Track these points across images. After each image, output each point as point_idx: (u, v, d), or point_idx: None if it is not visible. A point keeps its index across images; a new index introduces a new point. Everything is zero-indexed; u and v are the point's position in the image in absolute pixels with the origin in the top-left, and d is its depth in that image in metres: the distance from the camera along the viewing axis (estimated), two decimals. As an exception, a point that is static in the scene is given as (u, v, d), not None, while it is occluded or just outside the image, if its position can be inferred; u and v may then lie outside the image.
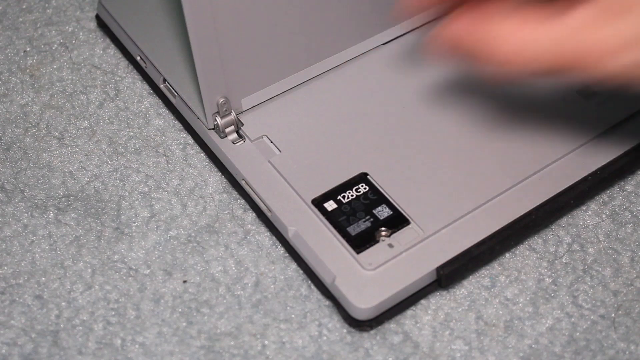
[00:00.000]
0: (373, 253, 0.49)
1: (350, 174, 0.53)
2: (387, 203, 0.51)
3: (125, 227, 0.53)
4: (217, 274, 0.51)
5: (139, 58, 0.60)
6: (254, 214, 0.54)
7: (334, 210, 0.51)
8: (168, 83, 0.57)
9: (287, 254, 0.52)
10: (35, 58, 0.62)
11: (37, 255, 0.52)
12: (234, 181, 0.54)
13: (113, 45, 0.63)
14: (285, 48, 0.54)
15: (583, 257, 0.52)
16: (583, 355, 0.48)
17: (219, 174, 0.56)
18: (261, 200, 0.52)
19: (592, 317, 0.49)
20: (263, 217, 0.53)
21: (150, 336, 0.49)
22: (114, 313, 0.50)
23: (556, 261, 0.52)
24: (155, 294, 0.51)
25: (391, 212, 0.51)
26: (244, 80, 0.54)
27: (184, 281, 0.51)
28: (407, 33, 0.60)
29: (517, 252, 0.52)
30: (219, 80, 0.52)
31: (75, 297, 0.50)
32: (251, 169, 0.53)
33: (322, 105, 0.56)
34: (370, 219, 0.50)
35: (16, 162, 0.57)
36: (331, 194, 0.52)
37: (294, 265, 0.52)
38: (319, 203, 0.51)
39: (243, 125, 0.55)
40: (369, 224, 0.50)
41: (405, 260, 0.49)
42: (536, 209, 0.51)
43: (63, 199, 0.55)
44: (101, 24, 0.63)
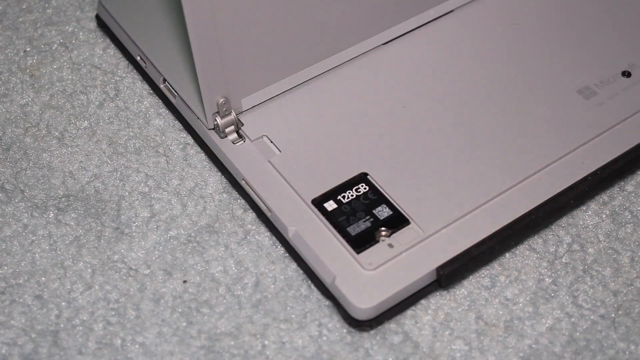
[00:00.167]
0: (373, 253, 0.49)
1: (350, 174, 0.52)
2: (387, 203, 0.51)
3: (125, 227, 0.53)
4: (217, 274, 0.51)
5: (139, 58, 0.60)
6: (254, 214, 0.54)
7: (334, 210, 0.51)
8: (168, 83, 0.57)
9: (287, 254, 0.52)
10: (35, 58, 0.62)
11: (37, 255, 0.52)
12: (234, 181, 0.54)
13: (113, 45, 0.63)
14: (285, 48, 0.54)
15: (583, 257, 0.52)
16: (583, 355, 0.48)
17: (219, 174, 0.56)
18: (261, 200, 0.52)
19: (592, 317, 0.49)
20: (263, 217, 0.53)
21: (150, 336, 0.49)
22: (114, 313, 0.50)
23: (556, 261, 0.52)
24: (155, 294, 0.51)
25: (391, 212, 0.51)
26: (244, 80, 0.54)
27: (184, 281, 0.51)
28: (407, 33, 0.60)
29: (517, 252, 0.52)
30: (219, 80, 0.52)
31: (75, 297, 0.50)
32: (251, 169, 0.53)
33: (322, 105, 0.56)
34: (370, 219, 0.50)
35: (16, 162, 0.57)
36: (331, 194, 0.52)
37: (294, 265, 0.51)
38: (319, 203, 0.51)
39: (243, 125, 0.55)
40: (369, 224, 0.50)
41: (405, 260, 0.49)
42: (536, 209, 0.51)
43: (63, 199, 0.55)
44: (101, 24, 0.63)
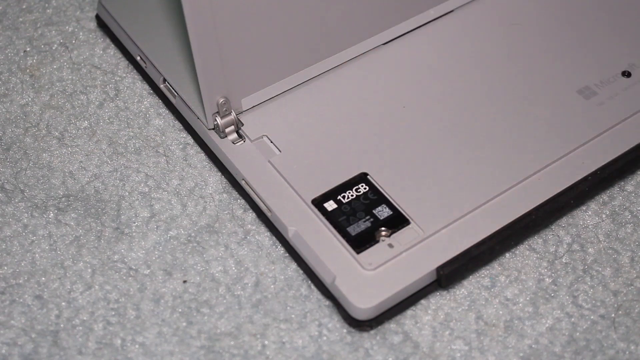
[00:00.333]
0: (373, 253, 0.49)
1: (350, 174, 0.52)
2: (387, 203, 0.51)
3: (125, 227, 0.53)
4: (217, 274, 0.51)
5: (139, 58, 0.60)
6: (254, 214, 0.54)
7: (334, 210, 0.51)
8: (168, 83, 0.57)
9: (287, 254, 0.52)
10: (35, 58, 0.62)
11: (37, 255, 0.52)
12: (234, 181, 0.54)
13: (113, 45, 0.63)
14: (285, 48, 0.54)
15: (583, 257, 0.52)
16: (583, 355, 0.48)
17: (219, 174, 0.56)
18: (261, 200, 0.52)
19: (592, 317, 0.49)
20: (263, 217, 0.53)
21: (150, 336, 0.49)
22: (114, 313, 0.50)
23: (556, 261, 0.52)
24: (155, 294, 0.51)
25: (391, 212, 0.51)
26: (244, 80, 0.54)
27: (184, 281, 0.51)
28: (407, 33, 0.60)
29: (517, 252, 0.52)
30: (219, 80, 0.52)
31: (75, 297, 0.50)
32: (251, 169, 0.53)
33: (322, 105, 0.56)
34: (370, 219, 0.50)
35: (16, 162, 0.57)
36: (331, 194, 0.52)
37: (294, 265, 0.51)
38: (319, 203, 0.51)
39: (243, 125, 0.55)
40: (369, 224, 0.50)
41: (405, 260, 0.49)
42: (536, 209, 0.51)
43: (63, 199, 0.55)
44: (101, 24, 0.63)
